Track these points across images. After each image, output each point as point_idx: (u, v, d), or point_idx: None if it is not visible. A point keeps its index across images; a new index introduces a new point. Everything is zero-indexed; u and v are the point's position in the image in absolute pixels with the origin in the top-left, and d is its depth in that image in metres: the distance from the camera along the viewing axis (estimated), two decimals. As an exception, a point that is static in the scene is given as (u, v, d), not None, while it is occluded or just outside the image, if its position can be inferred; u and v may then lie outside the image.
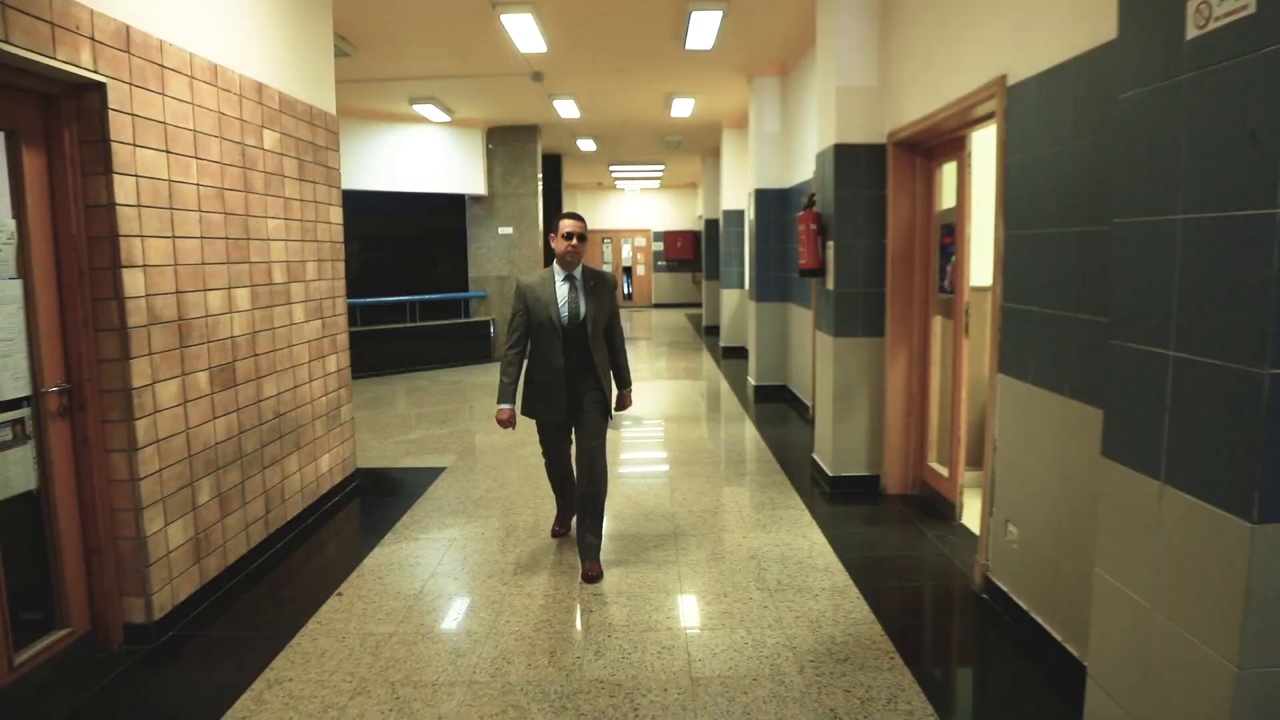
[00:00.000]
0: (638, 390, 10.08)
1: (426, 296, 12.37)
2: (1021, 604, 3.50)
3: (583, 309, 4.12)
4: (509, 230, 12.68)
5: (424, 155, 11.72)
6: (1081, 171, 3.00)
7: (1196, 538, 1.88)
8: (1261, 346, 1.69)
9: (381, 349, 11.35)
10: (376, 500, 5.65)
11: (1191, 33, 1.87)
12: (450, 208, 12.86)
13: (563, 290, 4.11)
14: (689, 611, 3.78)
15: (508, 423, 4.15)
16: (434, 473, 6.24)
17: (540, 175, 12.79)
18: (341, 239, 5.65)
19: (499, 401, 4.15)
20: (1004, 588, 3.67)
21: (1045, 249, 3.30)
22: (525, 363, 4.22)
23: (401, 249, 14.02)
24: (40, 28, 2.91)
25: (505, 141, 12.48)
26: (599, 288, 4.19)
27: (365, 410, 8.78)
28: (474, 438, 7.51)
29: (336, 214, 5.56)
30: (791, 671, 3.21)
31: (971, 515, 4.76)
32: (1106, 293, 2.42)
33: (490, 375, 11.14)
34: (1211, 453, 1.84)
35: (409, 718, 2.94)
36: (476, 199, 12.64)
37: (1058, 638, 3.18)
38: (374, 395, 9.77)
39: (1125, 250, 2.14)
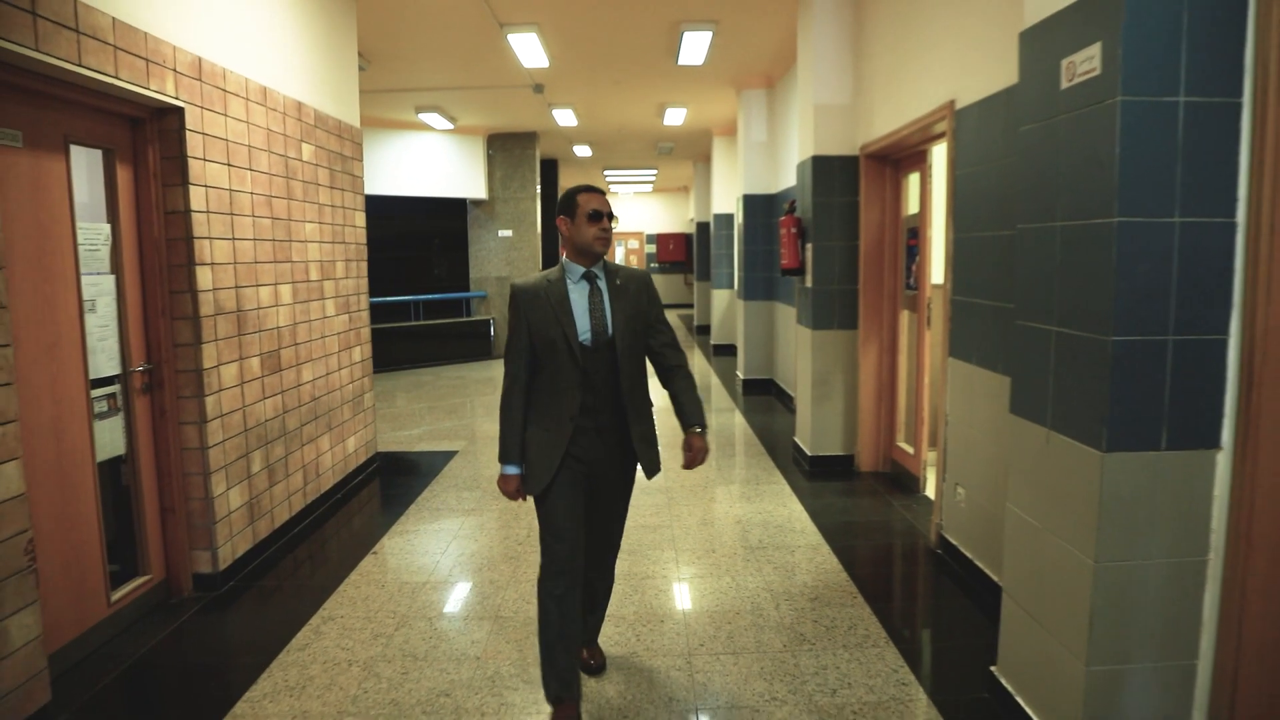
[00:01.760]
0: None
1: (430, 296, 12.92)
2: (967, 553, 4.09)
3: (610, 321, 2.81)
4: (508, 233, 13.24)
5: (428, 161, 12.28)
6: (1007, 185, 3.59)
7: (1069, 468, 2.47)
8: (1107, 320, 2.27)
9: (387, 346, 11.88)
10: (397, 478, 6.21)
11: (1064, 84, 2.45)
12: (452, 211, 13.41)
13: (579, 295, 2.81)
14: (681, 564, 4.35)
15: (516, 494, 2.86)
16: (447, 455, 6.80)
17: (539, 180, 13.36)
18: (364, 241, 6.21)
19: (502, 460, 2.83)
20: (954, 541, 4.25)
21: (983, 250, 3.89)
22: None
23: (405, 251, 14.56)
24: (138, 64, 3.47)
25: (505, 148, 13.05)
26: (631, 289, 2.90)
27: (377, 403, 9.32)
28: (481, 427, 8.07)
29: (360, 218, 6.13)
30: (769, 607, 3.79)
31: (933, 487, 5.34)
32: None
33: (492, 371, 11.71)
34: (1078, 402, 2.42)
35: (447, 642, 3.51)
36: (477, 203, 13.20)
37: (993, 576, 3.77)
38: (383, 390, 10.32)
39: (1023, 249, 2.72)
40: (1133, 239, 2.23)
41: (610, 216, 2.85)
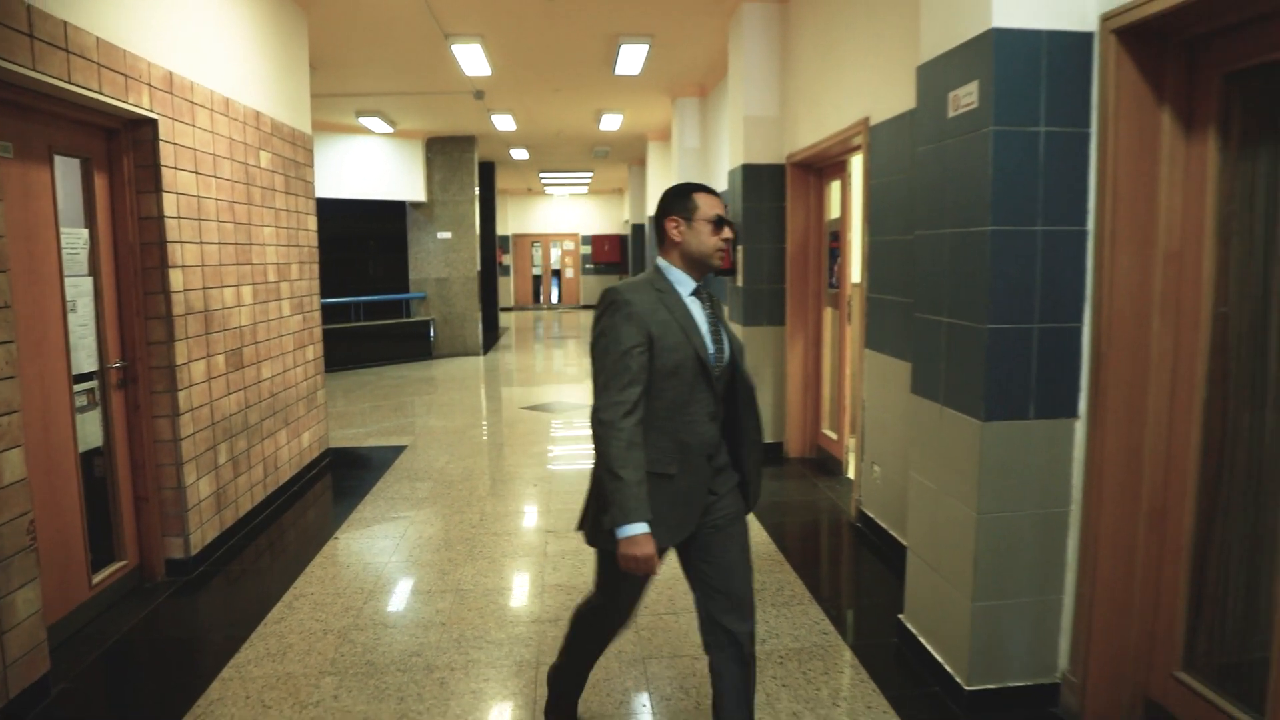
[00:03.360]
0: (578, 387, 11.03)
1: (370, 298, 13.08)
2: (882, 524, 4.56)
3: (727, 342, 2.43)
4: (448, 235, 13.47)
5: (367, 164, 12.45)
6: (912, 195, 4.06)
7: (957, 437, 2.92)
8: (983, 311, 2.73)
9: (330, 347, 11.91)
10: (351, 471, 6.46)
11: (950, 113, 2.91)
12: (391, 213, 13.57)
13: (698, 310, 2.39)
14: (626, 541, 4.74)
15: (650, 560, 2.19)
16: (397, 450, 7.07)
17: (477, 184, 13.62)
18: (316, 244, 6.45)
19: (628, 519, 2.16)
20: (871, 514, 4.73)
21: (894, 252, 4.36)
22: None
23: (345, 252, 14.64)
24: (118, 79, 3.72)
25: (444, 151, 13.28)
26: (719, 303, 2.54)
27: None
28: (428, 422, 8.34)
29: (312, 222, 6.37)
30: (706, 575, 4.20)
31: (854, 468, 5.83)
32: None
33: (432, 371, 11.94)
34: (963, 380, 2.88)
35: (414, 612, 3.84)
36: (416, 205, 13.40)
37: (903, 541, 4.24)
38: (327, 389, 10.46)
39: (921, 253, 3.18)
40: (1003, 244, 2.69)
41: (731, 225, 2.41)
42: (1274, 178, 2.40)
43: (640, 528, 2.16)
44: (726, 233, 2.37)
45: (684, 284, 2.38)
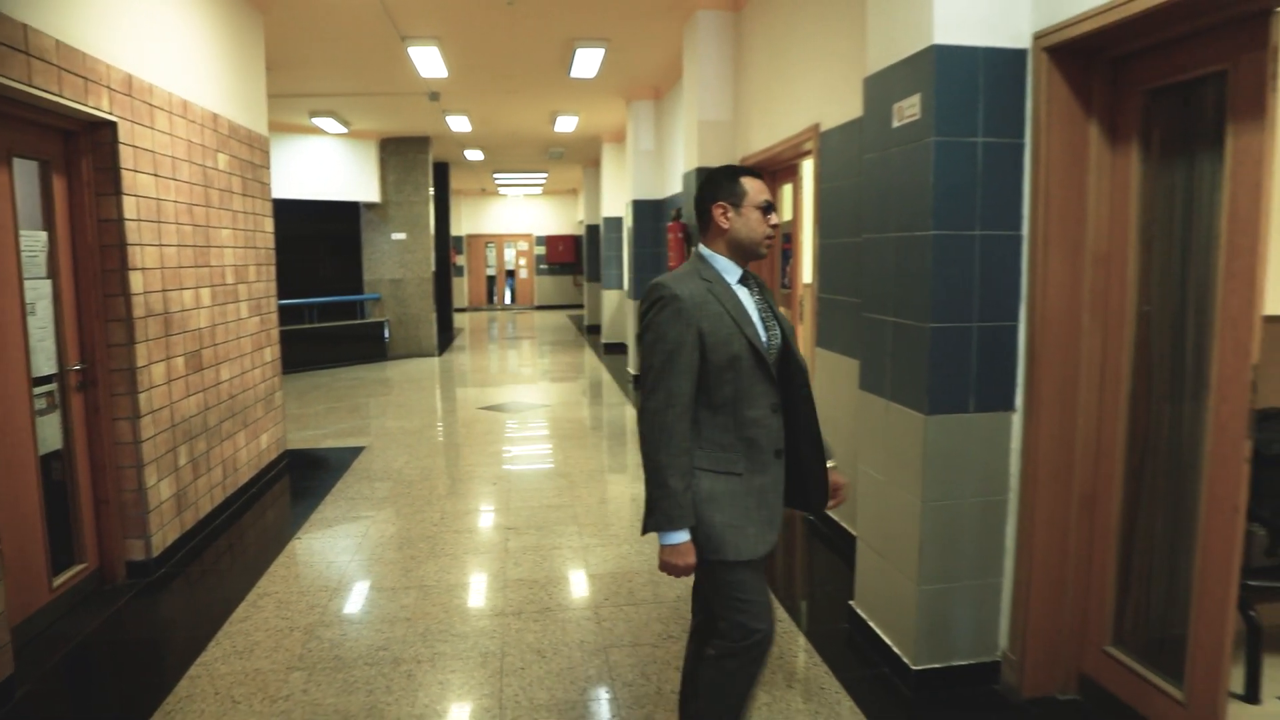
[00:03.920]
0: (534, 387, 11.10)
1: (324, 299, 12.99)
2: (834, 517, 4.73)
3: (781, 330, 2.31)
4: (402, 236, 13.43)
5: (321, 164, 12.38)
6: (860, 199, 4.22)
7: (902, 430, 3.08)
8: (926, 311, 2.89)
9: (284, 349, 11.88)
10: (310, 472, 6.47)
11: (895, 124, 3.06)
12: (345, 214, 13.49)
13: (747, 298, 2.28)
14: (585, 536, 4.84)
15: (690, 569, 2.15)
16: (355, 451, 7.09)
17: (431, 184, 13.60)
18: (273, 245, 6.45)
19: (670, 524, 2.11)
20: (823, 508, 4.89)
21: (843, 254, 4.53)
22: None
23: (297, 254, 14.50)
24: (78, 82, 3.73)
25: (399, 152, 13.24)
26: (768, 292, 2.40)
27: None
28: (385, 423, 8.35)
29: (269, 224, 6.37)
30: (665, 568, 4.33)
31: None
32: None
33: (387, 372, 11.92)
34: (907, 377, 3.04)
35: (379, 608, 3.90)
36: (370, 206, 13.34)
37: (853, 531, 4.41)
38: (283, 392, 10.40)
39: (868, 255, 3.34)
40: (944, 248, 2.85)
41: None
42: (1190, 186, 2.59)
43: (683, 535, 2.12)
44: (774, 219, 2.28)
45: (730, 272, 2.27)
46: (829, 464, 2.36)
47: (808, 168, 5.83)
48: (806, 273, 5.98)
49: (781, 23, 5.42)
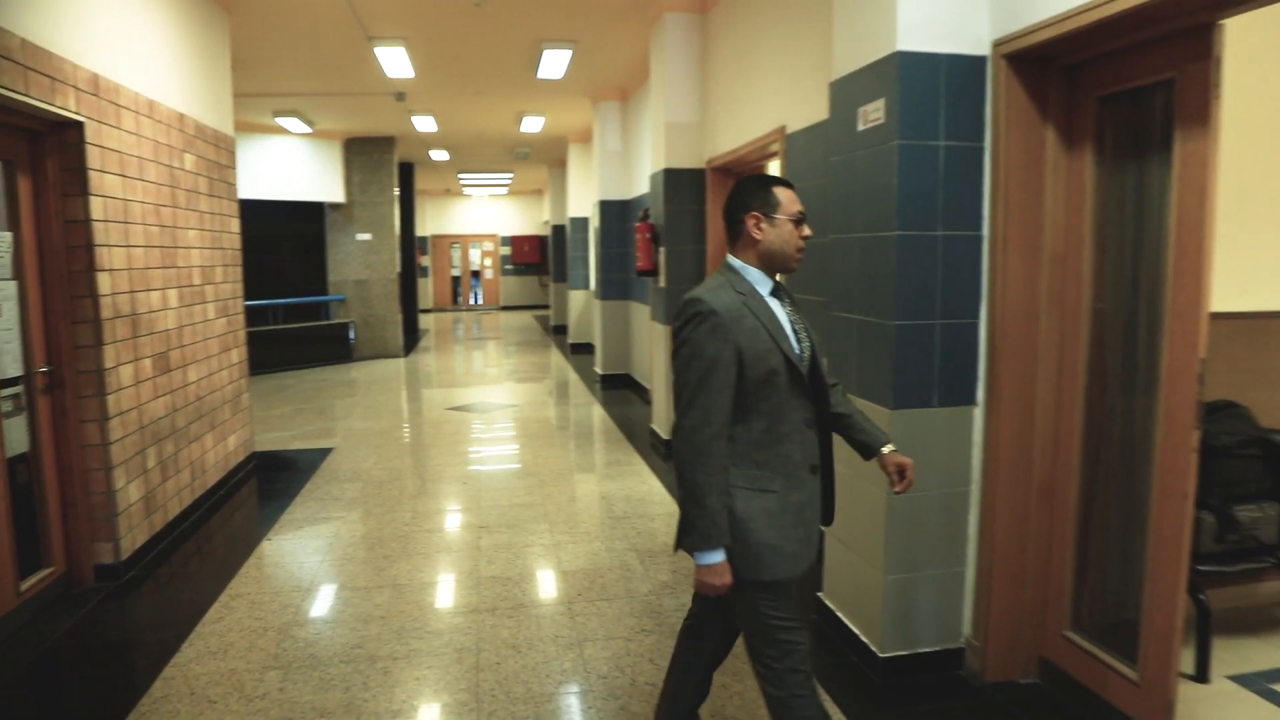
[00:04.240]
0: (501, 387, 11.09)
1: (289, 300, 12.87)
2: (801, 511, 4.81)
3: (810, 343, 2.28)
4: (367, 236, 13.36)
5: (285, 164, 12.27)
6: (826, 200, 4.31)
7: (869, 425, 3.17)
8: (890, 309, 2.98)
9: (249, 351, 11.78)
10: (279, 474, 6.44)
11: (860, 127, 3.15)
12: (309, 214, 13.38)
13: (780, 312, 2.23)
14: (556, 533, 4.89)
15: (726, 589, 2.14)
16: (324, 452, 7.07)
17: (396, 184, 13.54)
18: (239, 246, 6.41)
19: (710, 545, 2.10)
20: (790, 503, 4.98)
21: (809, 253, 4.60)
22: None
23: (261, 254, 14.36)
24: (45, 81, 3.70)
25: (363, 152, 13.17)
26: (798, 305, 2.41)
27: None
28: (352, 425, 8.32)
29: (235, 224, 6.34)
30: (634, 563, 4.39)
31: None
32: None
33: (352, 373, 11.85)
34: (873, 373, 3.13)
35: (352, 607, 3.92)
36: (335, 206, 13.25)
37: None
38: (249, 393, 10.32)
39: (834, 255, 3.42)
40: (908, 248, 2.94)
41: None
42: (1140, 189, 2.70)
43: (719, 555, 2.09)
44: (806, 230, 2.25)
45: (763, 284, 2.21)
46: (886, 449, 2.38)
47: (774, 169, 5.92)
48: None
49: (748, 26, 5.50)
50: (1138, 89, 2.67)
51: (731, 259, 2.25)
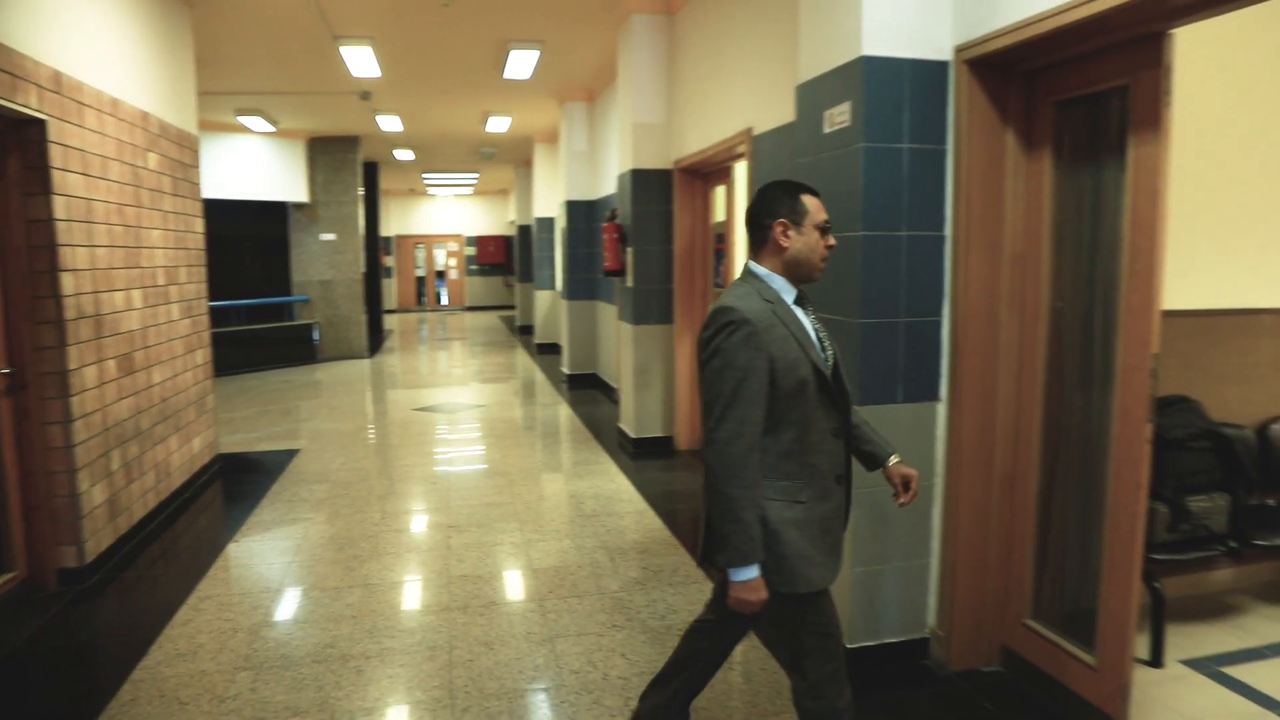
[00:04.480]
0: (467, 388, 11.07)
1: (252, 301, 12.72)
2: (769, 508, 4.88)
3: (833, 349, 2.28)
4: (332, 236, 13.25)
5: (247, 164, 12.14)
6: (794, 201, 4.39)
7: (836, 421, 3.24)
8: (856, 307, 3.05)
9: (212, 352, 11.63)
10: (244, 475, 6.39)
11: (826, 130, 3.22)
12: (272, 214, 13.24)
13: (806, 320, 2.22)
14: (526, 532, 4.91)
15: (761, 605, 2.08)
16: (290, 454, 7.02)
17: (360, 184, 13.44)
18: (204, 246, 6.35)
19: (746, 561, 2.04)
20: (758, 500, 5.05)
21: (776, 254, 4.69)
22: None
23: (223, 254, 14.17)
24: (4, 78, 3.65)
25: (327, 151, 13.06)
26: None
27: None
28: (318, 426, 8.26)
29: (199, 224, 6.28)
30: (604, 560, 4.43)
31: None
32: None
33: (317, 374, 11.75)
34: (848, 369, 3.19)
35: (323, 608, 3.92)
36: (299, 206, 13.13)
37: (789, 523, 4.58)
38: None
39: (802, 255, 3.49)
40: (873, 247, 3.02)
41: None
42: (1096, 191, 2.80)
43: (754, 571, 2.03)
44: (831, 240, 2.22)
45: (787, 292, 2.19)
46: (892, 460, 2.36)
47: (741, 170, 5.99)
48: (739, 271, 6.14)
49: (716, 28, 5.57)
50: (1094, 95, 2.76)
51: (755, 265, 2.22)
